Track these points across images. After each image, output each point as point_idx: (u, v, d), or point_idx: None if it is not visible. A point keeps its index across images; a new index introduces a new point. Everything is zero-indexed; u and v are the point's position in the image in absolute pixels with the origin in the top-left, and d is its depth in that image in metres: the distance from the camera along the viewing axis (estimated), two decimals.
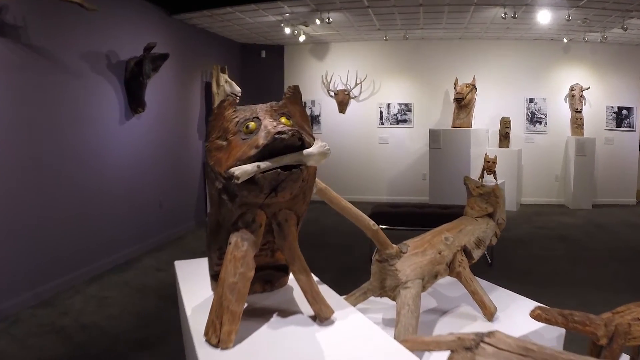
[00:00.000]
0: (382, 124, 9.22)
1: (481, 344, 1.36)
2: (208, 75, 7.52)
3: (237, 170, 1.18)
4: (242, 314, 1.30)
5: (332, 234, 6.54)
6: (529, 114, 8.82)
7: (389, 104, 9.17)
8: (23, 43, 4.01)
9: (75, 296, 4.29)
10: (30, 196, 4.13)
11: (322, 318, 1.41)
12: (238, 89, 7.17)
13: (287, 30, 7.48)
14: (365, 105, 9.25)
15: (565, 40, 8.31)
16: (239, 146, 1.25)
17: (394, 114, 9.18)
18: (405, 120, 9.15)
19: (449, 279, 2.34)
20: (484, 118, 8.55)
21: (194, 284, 1.82)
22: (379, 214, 5.06)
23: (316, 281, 1.52)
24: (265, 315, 1.48)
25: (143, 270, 5.10)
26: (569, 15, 6.33)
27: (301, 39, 7.97)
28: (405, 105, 9.12)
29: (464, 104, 7.98)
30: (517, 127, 8.70)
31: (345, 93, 9.14)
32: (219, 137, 1.33)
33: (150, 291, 4.47)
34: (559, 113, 8.68)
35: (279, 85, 9.05)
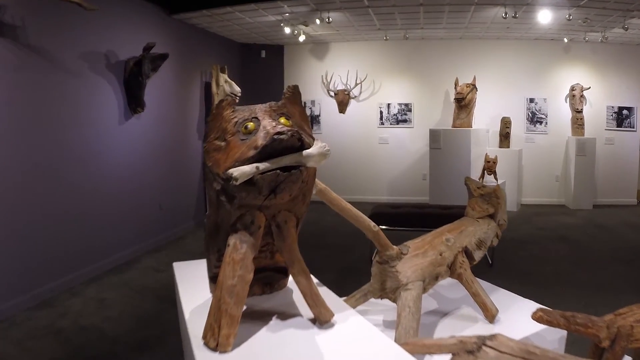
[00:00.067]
0: (382, 124, 9.21)
1: (483, 347, 1.34)
2: (208, 75, 7.50)
3: (236, 171, 1.17)
4: (241, 316, 1.28)
5: (332, 234, 6.53)
6: (530, 114, 8.81)
7: (389, 104, 9.16)
8: (22, 43, 3.99)
9: (73, 297, 4.27)
10: (28, 196, 4.11)
11: (322, 321, 1.39)
12: (238, 89, 7.16)
13: (287, 30, 7.46)
14: (365, 105, 9.24)
15: (565, 40, 8.30)
16: (237, 147, 1.24)
17: (394, 114, 9.16)
18: (405, 120, 9.13)
19: (449, 280, 2.33)
20: (484, 118, 8.54)
21: (192, 286, 1.81)
22: (379, 215, 5.05)
23: (316, 283, 1.51)
24: (264, 318, 1.46)
25: (142, 271, 5.08)
26: (569, 15, 6.31)
27: (301, 38, 7.95)
28: (406, 105, 9.10)
29: (464, 104, 7.97)
30: (518, 127, 8.69)
31: (345, 93, 9.13)
32: (218, 138, 1.31)
33: (150, 292, 4.45)
34: (560, 113, 8.67)
35: (279, 85, 9.04)
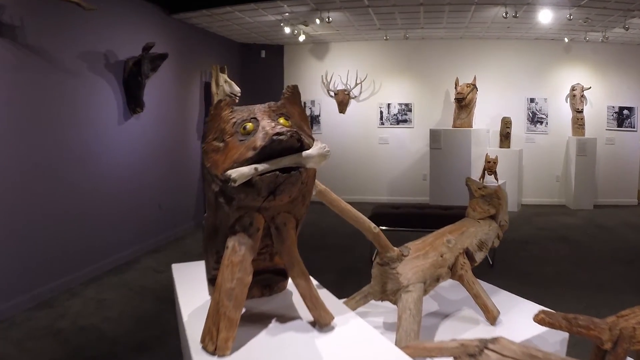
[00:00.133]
0: (382, 124, 9.19)
1: (485, 350, 1.33)
2: (207, 75, 7.48)
3: (234, 172, 1.15)
4: (240, 319, 1.27)
5: (332, 235, 6.51)
6: (530, 114, 8.79)
7: (389, 104, 9.14)
8: (21, 43, 3.98)
9: (73, 298, 4.26)
10: (27, 196, 4.10)
11: (322, 324, 1.38)
12: (237, 89, 7.15)
13: (287, 30, 7.44)
14: (365, 105, 9.22)
15: (566, 40, 8.29)
16: (236, 148, 1.22)
17: (394, 114, 9.14)
18: (405, 121, 9.12)
19: (450, 282, 2.31)
20: (484, 118, 8.52)
21: (191, 287, 1.79)
22: (380, 215, 5.04)
23: (315, 285, 1.49)
24: (263, 320, 1.45)
25: (142, 272, 5.07)
26: (570, 15, 6.30)
27: (301, 38, 7.94)
28: (406, 105, 9.09)
29: (464, 104, 7.95)
30: (518, 127, 8.67)
31: (345, 93, 9.11)
32: (216, 139, 1.29)
33: (149, 293, 4.43)
34: (560, 113, 8.65)
35: (279, 85, 9.02)
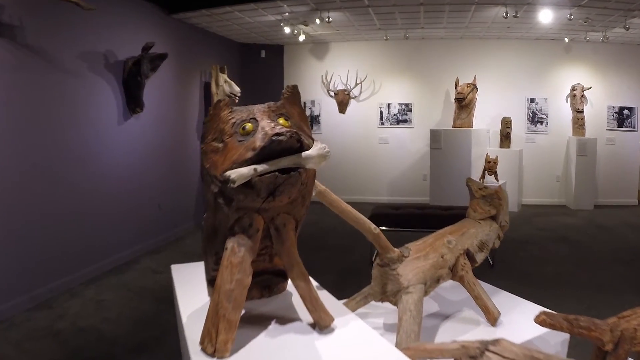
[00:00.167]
0: (383, 124, 9.18)
1: (486, 352, 1.32)
2: (207, 75, 7.47)
3: (233, 173, 1.14)
4: (240, 321, 1.26)
5: (332, 235, 6.50)
6: (530, 114, 8.78)
7: (389, 104, 9.13)
8: (20, 43, 3.97)
9: (72, 299, 4.25)
10: (26, 197, 4.09)
11: (322, 326, 1.37)
12: (237, 89, 7.14)
13: (287, 30, 7.43)
14: (365, 105, 9.21)
15: (566, 40, 8.28)
16: (235, 148, 1.21)
17: (395, 114, 9.13)
18: (405, 121, 9.11)
19: (451, 282, 2.30)
20: (484, 118, 8.51)
21: (190, 288, 1.78)
22: (380, 216, 5.03)
23: (315, 286, 1.48)
24: (263, 322, 1.44)
25: (141, 272, 5.06)
26: (570, 15, 6.29)
27: (301, 38, 7.93)
28: (406, 105, 9.08)
29: (464, 104, 7.94)
30: (518, 127, 8.67)
31: (345, 93, 9.10)
32: (215, 139, 1.28)
33: (149, 294, 4.42)
34: (560, 113, 8.65)
35: (279, 85, 9.01)
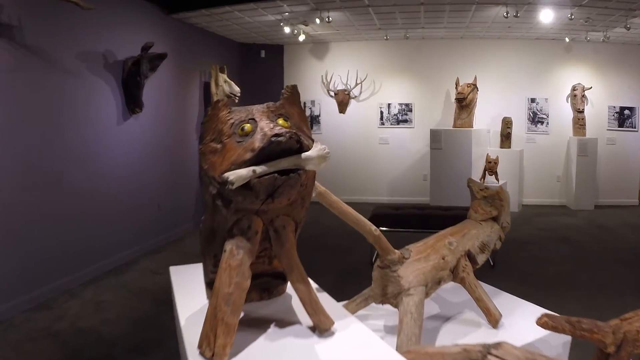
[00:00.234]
0: (383, 124, 9.16)
1: (488, 356, 1.30)
2: (207, 75, 7.46)
3: (232, 175, 1.12)
4: (239, 324, 1.24)
5: (332, 235, 6.48)
6: (531, 114, 8.77)
7: (389, 104, 9.11)
8: (18, 43, 3.95)
9: (71, 299, 4.23)
10: (25, 197, 4.07)
11: (322, 329, 1.35)
12: (237, 89, 7.13)
13: (287, 30, 7.42)
14: (365, 105, 9.19)
15: (567, 40, 8.26)
16: (233, 149, 1.19)
17: (395, 114, 9.12)
18: (405, 121, 9.09)
19: (452, 284, 2.28)
20: (485, 118, 8.50)
21: (189, 290, 1.76)
22: (380, 216, 5.01)
23: (315, 289, 1.46)
24: (262, 325, 1.42)
25: (140, 273, 5.04)
26: (571, 15, 6.27)
27: (301, 38, 7.91)
28: (406, 105, 9.06)
29: (465, 104, 7.93)
30: (519, 127, 8.65)
31: (346, 93, 9.08)
32: (213, 140, 1.26)
33: (148, 294, 4.41)
34: (561, 113, 8.63)
35: (279, 85, 8.99)
